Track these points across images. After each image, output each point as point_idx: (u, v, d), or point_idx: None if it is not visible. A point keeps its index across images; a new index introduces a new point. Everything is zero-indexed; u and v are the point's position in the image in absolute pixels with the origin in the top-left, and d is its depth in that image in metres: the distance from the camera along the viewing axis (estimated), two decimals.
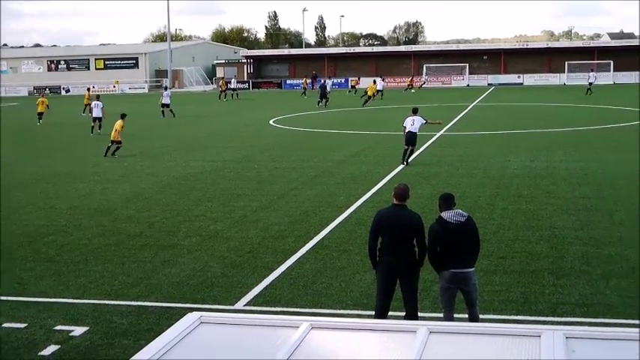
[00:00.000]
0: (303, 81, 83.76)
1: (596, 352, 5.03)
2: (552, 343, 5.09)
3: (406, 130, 27.87)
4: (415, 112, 28.91)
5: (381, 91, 70.12)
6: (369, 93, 64.72)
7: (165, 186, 24.42)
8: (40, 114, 50.83)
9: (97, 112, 43.06)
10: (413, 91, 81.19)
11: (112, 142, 32.09)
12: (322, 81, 71.45)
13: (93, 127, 42.74)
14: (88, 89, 64.63)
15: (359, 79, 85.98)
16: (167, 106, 54.71)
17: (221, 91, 75.96)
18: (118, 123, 32.32)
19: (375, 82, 69.60)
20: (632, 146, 31.01)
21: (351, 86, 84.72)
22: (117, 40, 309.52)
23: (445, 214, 10.45)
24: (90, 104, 49.23)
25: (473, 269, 10.53)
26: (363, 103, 62.59)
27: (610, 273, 13.88)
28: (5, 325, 12.02)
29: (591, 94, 66.15)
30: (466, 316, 10.81)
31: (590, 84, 70.15)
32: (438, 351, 5.16)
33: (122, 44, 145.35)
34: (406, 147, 27.64)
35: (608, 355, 4.98)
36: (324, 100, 61.20)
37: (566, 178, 23.80)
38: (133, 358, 5.23)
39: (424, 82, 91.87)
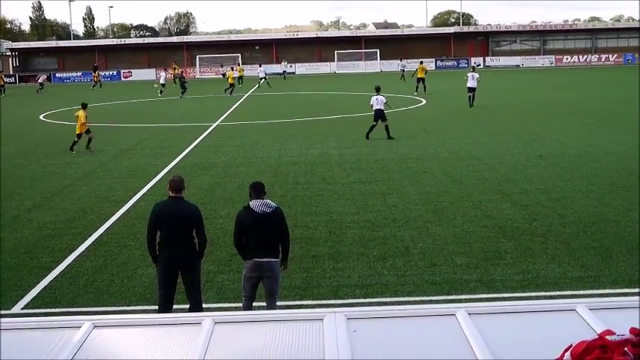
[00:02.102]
0: (93, 75, 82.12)
1: (375, 331, 5.20)
2: (334, 325, 5.21)
3: (374, 108, 30.09)
4: (378, 90, 30.64)
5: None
6: (230, 81, 63.10)
7: None
8: None
9: None
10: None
11: (79, 134, 29.50)
12: (181, 72, 70.32)
13: None
14: None
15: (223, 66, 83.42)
16: None
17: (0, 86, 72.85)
18: (81, 113, 29.64)
19: (232, 69, 69.37)
20: (401, 131, 32.34)
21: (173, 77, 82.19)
22: None
23: (253, 203, 10.47)
24: None
25: (276, 260, 10.58)
26: (228, 91, 61.38)
27: (386, 254, 14.42)
28: None
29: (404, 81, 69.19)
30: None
31: (403, 70, 73.42)
32: (223, 342, 5.16)
33: None
34: (374, 123, 30.10)
35: (387, 333, 5.16)
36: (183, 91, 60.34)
37: (341, 164, 24.50)
38: None
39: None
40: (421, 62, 58.95)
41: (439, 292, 12.31)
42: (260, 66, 76.26)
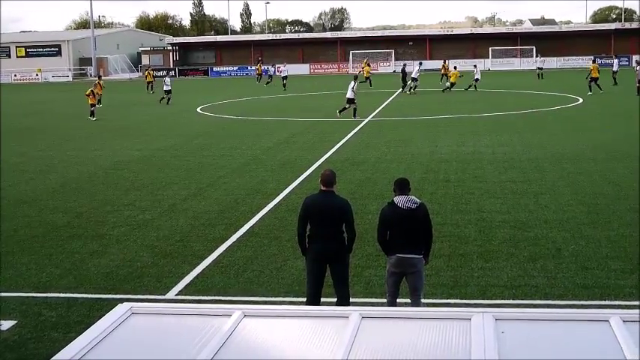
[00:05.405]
0: (256, 67, 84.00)
1: (524, 333, 5.12)
2: (482, 325, 5.16)
3: None
4: None
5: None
6: (453, 79, 57.93)
7: (93, 175, 24.10)
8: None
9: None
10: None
11: None
12: (403, 64, 65.71)
13: None
14: (99, 77, 58.18)
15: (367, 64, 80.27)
16: (169, 92, 53.54)
17: (148, 82, 68.61)
18: None
19: (455, 67, 62.28)
20: (555, 130, 31.63)
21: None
22: (38, 27, 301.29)
23: (397, 199, 10.45)
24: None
25: (419, 256, 10.50)
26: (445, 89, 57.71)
27: (536, 255, 14.13)
28: None
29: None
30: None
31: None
32: (370, 336, 5.20)
33: (44, 31, 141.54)
34: None
35: (536, 336, 5.07)
36: (409, 83, 57.37)
37: (493, 162, 24.14)
38: (65, 348, 5.16)
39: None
40: (594, 61, 55.82)
41: (591, 296, 11.96)
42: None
